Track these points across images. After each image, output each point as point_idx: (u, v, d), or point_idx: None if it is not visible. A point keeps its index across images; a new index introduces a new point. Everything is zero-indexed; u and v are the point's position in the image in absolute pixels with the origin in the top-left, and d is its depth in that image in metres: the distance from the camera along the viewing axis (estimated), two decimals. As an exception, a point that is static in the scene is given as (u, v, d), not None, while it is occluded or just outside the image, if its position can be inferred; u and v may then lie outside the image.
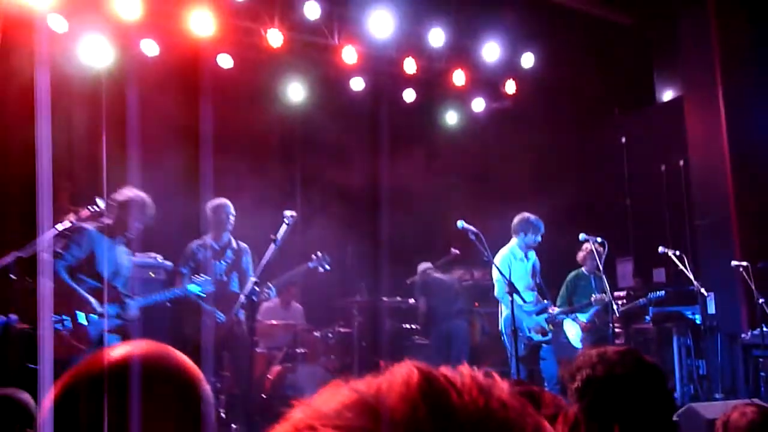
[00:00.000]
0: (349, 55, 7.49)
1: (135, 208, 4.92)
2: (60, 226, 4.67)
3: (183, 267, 5.66)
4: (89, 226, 4.89)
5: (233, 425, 5.67)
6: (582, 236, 6.14)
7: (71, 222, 4.84)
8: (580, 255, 6.78)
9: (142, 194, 4.98)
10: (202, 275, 5.43)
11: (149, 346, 1.05)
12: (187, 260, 5.70)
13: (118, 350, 1.02)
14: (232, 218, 5.79)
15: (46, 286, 5.65)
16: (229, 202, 5.83)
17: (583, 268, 6.83)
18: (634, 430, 1.69)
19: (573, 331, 6.79)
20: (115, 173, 5.54)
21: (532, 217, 6.29)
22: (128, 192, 4.96)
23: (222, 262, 5.75)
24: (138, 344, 1.05)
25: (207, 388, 1.04)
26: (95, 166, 6.14)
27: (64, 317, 4.62)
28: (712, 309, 7.39)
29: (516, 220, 6.33)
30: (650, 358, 1.80)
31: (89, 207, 4.87)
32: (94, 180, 6.00)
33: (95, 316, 4.73)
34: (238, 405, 5.78)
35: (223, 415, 5.76)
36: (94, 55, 6.57)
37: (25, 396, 2.58)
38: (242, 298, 5.40)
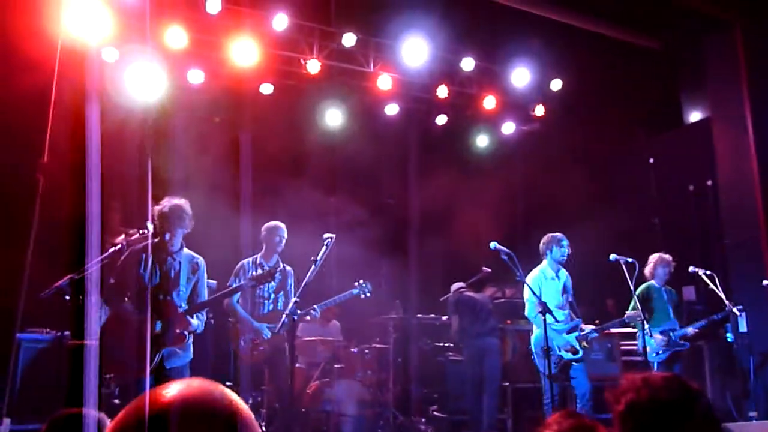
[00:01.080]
0: (384, 81, 7.70)
1: (173, 217, 5.00)
2: (111, 249, 4.73)
3: (234, 281, 5.87)
4: (136, 248, 4.97)
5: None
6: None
7: (122, 244, 5.03)
8: (648, 268, 6.81)
9: (177, 201, 5.03)
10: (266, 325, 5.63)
11: (199, 386, 1.04)
12: (239, 276, 5.93)
13: (167, 391, 1.02)
14: (283, 241, 6.00)
15: (93, 305, 5.88)
16: (283, 226, 6.04)
17: (653, 281, 6.84)
18: None
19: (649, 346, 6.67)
20: (162, 196, 5.74)
21: (553, 233, 6.46)
22: (165, 202, 5.03)
23: (272, 283, 5.95)
24: (189, 384, 1.04)
25: (256, 427, 1.04)
26: (145, 189, 6.37)
27: None
28: (743, 327, 7.32)
29: (542, 241, 6.50)
30: (695, 384, 1.76)
31: (140, 230, 4.94)
32: (144, 203, 6.22)
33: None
34: (278, 418, 5.92)
35: (263, 429, 5.93)
36: (143, 82, 6.76)
37: (101, 416, 2.47)
38: (284, 317, 5.61)
